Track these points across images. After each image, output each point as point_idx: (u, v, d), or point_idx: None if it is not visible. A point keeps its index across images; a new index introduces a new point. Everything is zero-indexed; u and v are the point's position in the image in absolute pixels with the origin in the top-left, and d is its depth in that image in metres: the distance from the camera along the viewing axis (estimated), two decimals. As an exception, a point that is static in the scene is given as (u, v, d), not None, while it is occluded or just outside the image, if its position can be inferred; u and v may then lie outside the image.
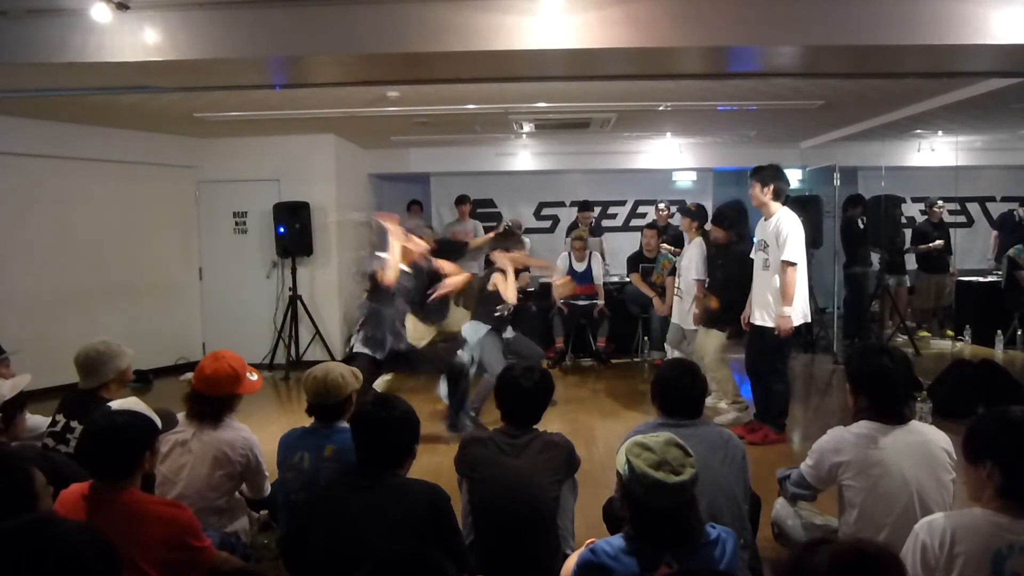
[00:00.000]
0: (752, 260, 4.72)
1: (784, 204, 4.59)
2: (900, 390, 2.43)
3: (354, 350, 4.47)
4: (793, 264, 4.33)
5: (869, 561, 1.30)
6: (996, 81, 5.01)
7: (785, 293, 4.34)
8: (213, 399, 2.76)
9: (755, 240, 4.67)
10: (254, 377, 2.89)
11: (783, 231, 4.39)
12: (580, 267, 7.23)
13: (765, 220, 4.58)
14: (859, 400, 2.47)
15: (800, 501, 2.75)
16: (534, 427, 2.67)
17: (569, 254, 7.34)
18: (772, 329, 4.44)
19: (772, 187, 4.49)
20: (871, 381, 2.43)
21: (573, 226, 8.33)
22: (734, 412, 5.13)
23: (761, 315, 4.52)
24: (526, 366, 2.75)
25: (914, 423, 2.43)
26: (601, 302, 7.17)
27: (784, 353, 4.63)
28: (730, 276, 5.01)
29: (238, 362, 2.81)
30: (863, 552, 1.32)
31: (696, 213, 5.78)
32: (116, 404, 2.67)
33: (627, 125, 7.19)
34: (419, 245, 4.61)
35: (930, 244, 8.11)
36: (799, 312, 4.44)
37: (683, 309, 5.63)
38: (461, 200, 8.53)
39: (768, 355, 4.54)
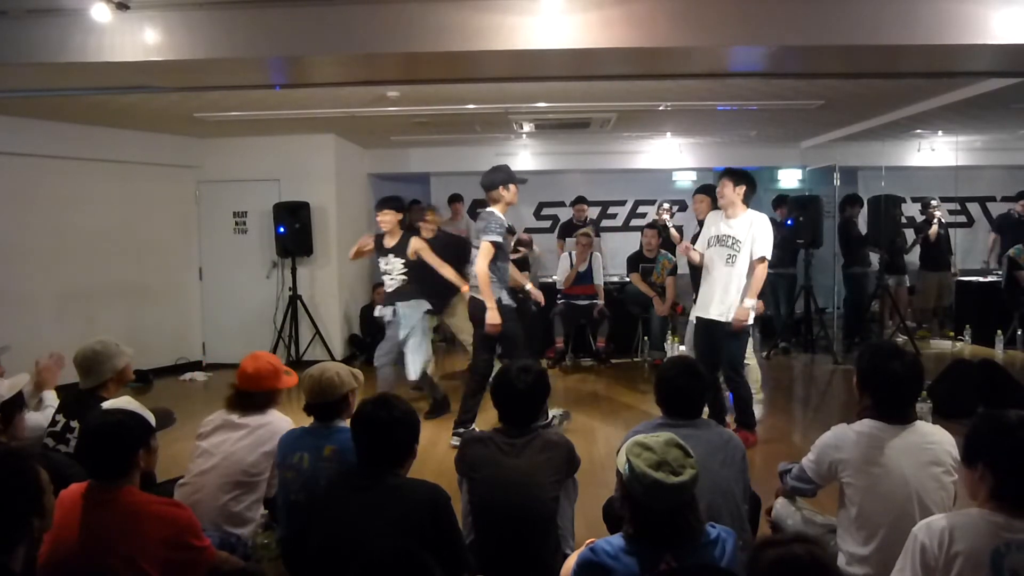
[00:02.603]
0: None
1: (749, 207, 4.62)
2: (907, 394, 2.42)
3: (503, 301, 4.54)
4: (766, 260, 4.42)
5: (802, 568, 1.40)
6: (996, 81, 5.00)
7: (753, 287, 4.40)
8: (257, 394, 2.91)
9: (718, 235, 4.59)
10: (289, 373, 3.07)
11: (759, 228, 4.43)
12: (582, 267, 7.23)
13: (728, 218, 4.56)
14: (865, 398, 2.47)
15: (800, 500, 2.75)
16: (534, 427, 2.67)
17: (570, 253, 7.33)
18: (732, 326, 4.43)
19: (744, 189, 4.52)
20: (880, 383, 2.41)
21: (568, 224, 8.32)
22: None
23: (719, 311, 4.49)
24: (521, 366, 2.72)
25: (919, 423, 2.42)
26: (601, 302, 7.17)
27: (744, 353, 4.68)
28: None
29: (275, 360, 3.01)
30: (796, 559, 1.40)
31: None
32: (108, 404, 2.68)
33: (627, 125, 7.19)
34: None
35: (931, 226, 8.09)
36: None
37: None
38: (454, 199, 8.54)
39: (731, 356, 4.53)
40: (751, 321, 4.47)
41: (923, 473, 2.29)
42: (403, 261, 5.17)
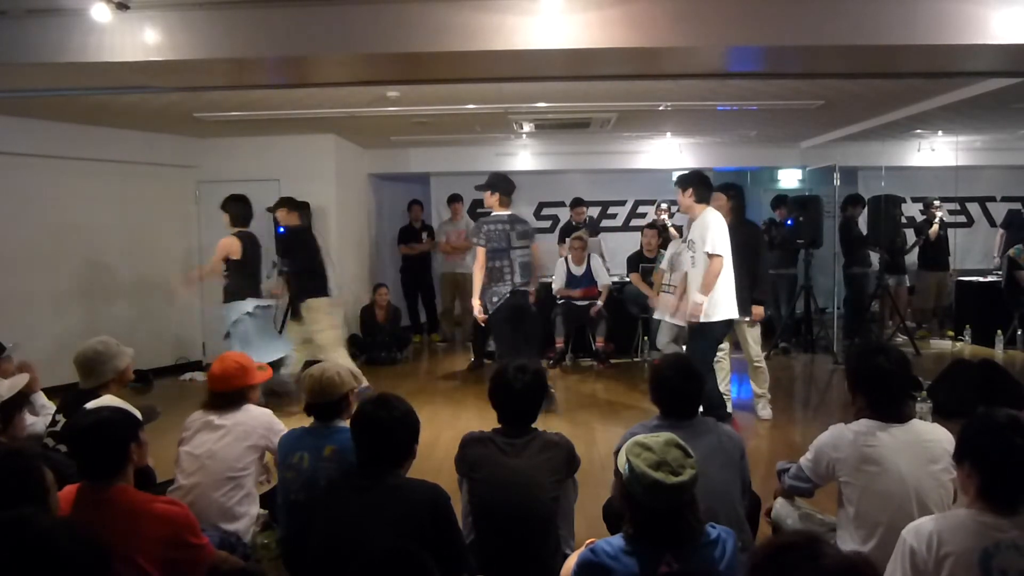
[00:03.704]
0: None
1: (708, 206, 4.63)
2: (896, 390, 2.43)
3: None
4: (717, 256, 4.39)
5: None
6: (996, 81, 5.01)
7: (705, 281, 4.40)
8: (229, 394, 2.93)
9: (686, 239, 4.74)
10: (263, 368, 3.10)
11: (704, 225, 4.47)
12: (578, 270, 7.21)
13: (691, 222, 4.67)
14: (858, 399, 2.48)
15: (799, 499, 2.76)
16: (533, 427, 2.66)
17: (566, 257, 7.31)
18: (704, 323, 4.45)
19: (691, 191, 4.56)
20: (867, 380, 2.44)
21: (567, 225, 8.32)
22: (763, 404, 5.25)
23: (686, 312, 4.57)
24: (518, 365, 2.70)
25: (916, 422, 2.43)
26: (599, 303, 7.14)
27: (711, 343, 4.62)
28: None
29: (243, 358, 3.04)
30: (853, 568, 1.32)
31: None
32: (92, 404, 2.68)
33: (627, 125, 7.19)
34: None
35: (932, 226, 8.08)
36: (723, 307, 4.46)
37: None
38: (454, 199, 8.53)
39: (696, 354, 4.52)
40: (712, 319, 4.43)
41: (921, 471, 2.29)
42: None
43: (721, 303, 4.46)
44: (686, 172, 4.83)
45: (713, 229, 4.43)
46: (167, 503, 2.18)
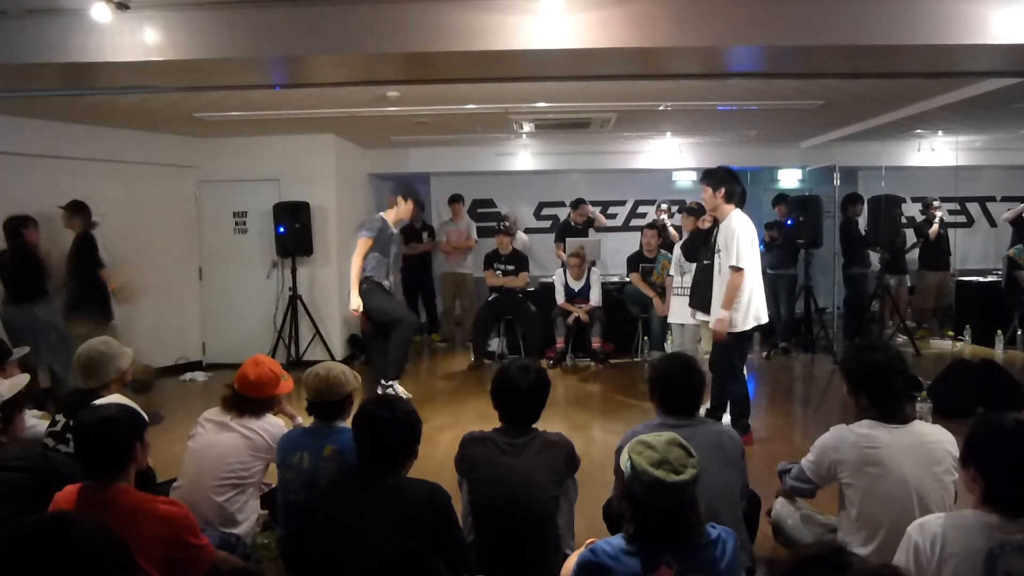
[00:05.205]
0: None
1: (738, 206, 4.50)
2: (897, 386, 2.43)
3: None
4: (740, 270, 4.28)
5: None
6: (996, 81, 5.01)
7: (727, 296, 4.30)
8: (256, 401, 2.91)
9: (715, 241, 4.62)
10: (285, 377, 3.06)
11: (730, 234, 4.34)
12: (577, 285, 7.20)
13: (719, 222, 4.55)
14: (859, 400, 2.48)
15: (800, 499, 2.76)
16: (533, 427, 2.66)
17: (564, 270, 7.30)
18: (731, 333, 4.38)
19: (724, 190, 4.43)
20: (868, 378, 2.44)
21: (565, 225, 8.31)
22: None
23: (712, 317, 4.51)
24: (521, 365, 2.69)
25: (917, 423, 2.43)
26: (578, 313, 7.10)
27: (742, 351, 4.54)
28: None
29: (276, 366, 3.01)
30: None
31: (698, 210, 5.85)
32: (99, 402, 2.68)
33: (627, 125, 7.19)
34: None
35: (932, 225, 8.07)
36: (751, 315, 4.36)
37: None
38: (454, 199, 8.53)
39: (725, 354, 4.47)
40: (748, 327, 4.38)
41: (923, 472, 2.29)
42: None
43: (749, 311, 4.34)
44: (715, 168, 4.66)
45: (740, 238, 4.28)
46: (168, 503, 2.18)
